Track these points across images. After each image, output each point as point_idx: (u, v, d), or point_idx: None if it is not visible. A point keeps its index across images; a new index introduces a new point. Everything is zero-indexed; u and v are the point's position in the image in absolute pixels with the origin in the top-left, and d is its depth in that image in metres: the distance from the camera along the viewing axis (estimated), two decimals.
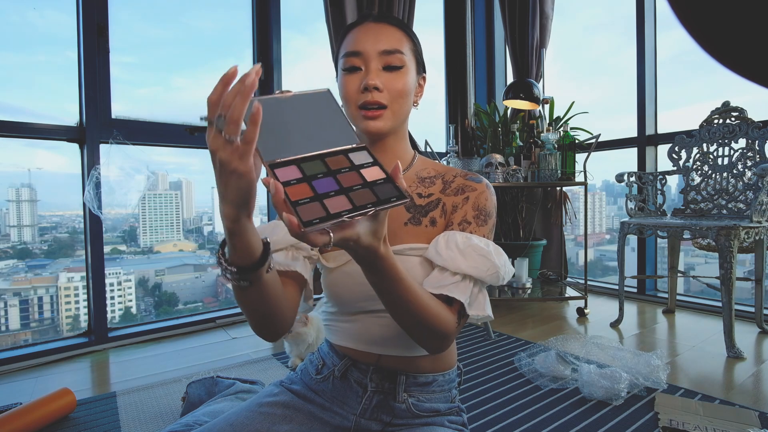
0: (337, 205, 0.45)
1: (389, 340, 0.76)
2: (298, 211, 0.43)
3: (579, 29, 3.76)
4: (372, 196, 0.47)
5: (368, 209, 0.45)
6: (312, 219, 0.43)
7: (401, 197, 0.47)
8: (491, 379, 1.55)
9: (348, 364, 0.78)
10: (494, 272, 0.69)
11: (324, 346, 0.85)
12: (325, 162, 0.50)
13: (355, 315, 0.78)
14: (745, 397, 1.39)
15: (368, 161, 0.51)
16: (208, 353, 1.87)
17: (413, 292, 0.58)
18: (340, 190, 0.47)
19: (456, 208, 0.75)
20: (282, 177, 0.46)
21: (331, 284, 0.78)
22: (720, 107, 2.16)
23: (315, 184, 0.47)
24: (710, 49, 0.23)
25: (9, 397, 1.48)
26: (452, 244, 0.69)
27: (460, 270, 0.67)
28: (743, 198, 2.04)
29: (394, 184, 0.48)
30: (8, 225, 2.42)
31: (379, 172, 0.50)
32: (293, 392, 0.80)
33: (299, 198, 0.44)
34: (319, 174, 0.48)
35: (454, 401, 0.83)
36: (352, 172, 0.49)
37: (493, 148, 2.95)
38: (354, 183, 0.48)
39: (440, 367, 0.80)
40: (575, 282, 2.79)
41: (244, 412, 0.76)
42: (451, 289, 0.66)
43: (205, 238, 3.17)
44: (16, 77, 2.12)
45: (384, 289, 0.57)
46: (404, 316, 0.61)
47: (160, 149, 2.23)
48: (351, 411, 0.77)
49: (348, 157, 0.51)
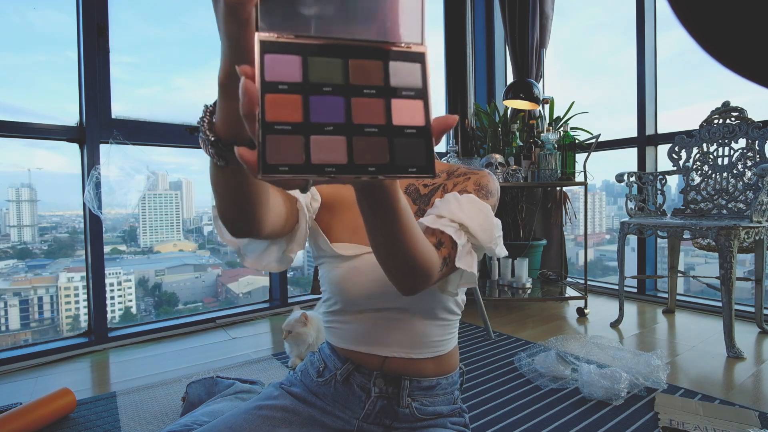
0: (327, 151, 0.30)
1: (396, 342, 0.75)
2: (265, 141, 0.29)
3: (579, 29, 3.76)
4: (385, 154, 0.31)
5: (367, 174, 0.31)
6: (279, 164, 0.29)
7: (426, 170, 0.32)
8: (491, 379, 1.55)
9: (351, 369, 0.77)
10: (489, 228, 0.67)
11: (325, 347, 0.83)
12: (346, 64, 0.32)
13: (361, 314, 0.76)
14: (745, 397, 1.39)
15: (413, 86, 0.33)
16: (208, 353, 1.87)
17: (409, 230, 0.52)
18: (344, 127, 0.31)
19: (456, 185, 0.75)
20: (270, 71, 0.30)
21: (338, 279, 0.75)
22: (720, 107, 2.16)
23: (313, 102, 0.31)
24: (710, 49, 0.23)
25: (9, 397, 1.48)
26: (449, 197, 0.68)
27: (455, 217, 0.65)
28: (743, 198, 2.04)
29: (429, 143, 0.32)
30: (8, 225, 2.42)
31: (418, 113, 0.32)
32: (293, 395, 0.79)
33: (278, 119, 0.30)
34: (326, 86, 0.31)
35: (457, 402, 0.83)
36: (377, 100, 0.32)
37: (493, 148, 2.95)
38: (371, 120, 0.32)
39: (444, 371, 0.79)
40: (575, 282, 2.79)
41: (243, 414, 0.75)
42: (447, 228, 0.64)
43: (205, 238, 3.17)
44: (16, 77, 2.12)
45: (380, 226, 0.49)
46: (392, 254, 0.54)
47: (160, 149, 2.23)
48: (353, 415, 0.76)
49: (387, 67, 0.32)
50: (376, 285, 0.73)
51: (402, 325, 0.75)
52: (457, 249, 0.64)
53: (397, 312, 0.75)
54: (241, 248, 0.69)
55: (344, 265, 0.74)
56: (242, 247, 0.69)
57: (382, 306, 0.74)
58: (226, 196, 0.49)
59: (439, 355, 0.78)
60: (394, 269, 0.57)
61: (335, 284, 0.76)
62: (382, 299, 0.73)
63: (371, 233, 0.52)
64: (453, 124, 0.33)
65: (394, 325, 0.75)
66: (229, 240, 0.65)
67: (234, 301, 2.87)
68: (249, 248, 0.69)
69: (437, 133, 0.33)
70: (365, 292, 0.74)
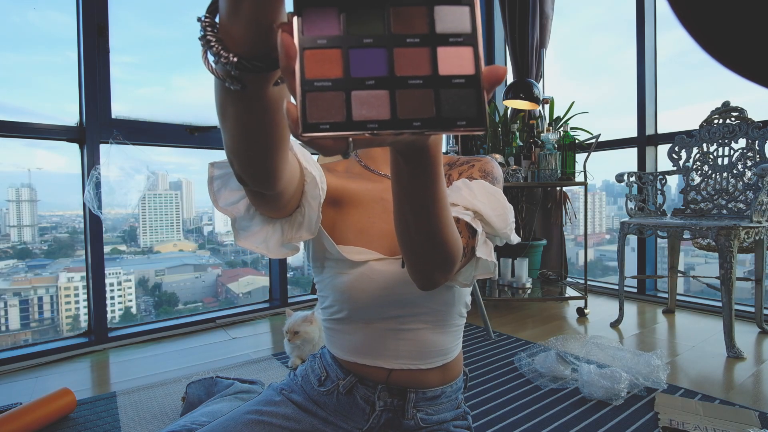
0: (369, 106, 0.29)
1: (403, 353, 0.72)
2: (306, 99, 0.28)
3: (579, 29, 3.76)
4: (431, 107, 0.29)
5: (412, 129, 0.29)
6: (320, 122, 0.28)
7: (477, 122, 0.29)
8: (491, 379, 1.55)
9: (354, 381, 0.74)
10: (503, 214, 0.64)
11: (326, 354, 0.79)
12: (387, 15, 0.29)
13: (368, 324, 0.72)
14: (745, 397, 1.39)
15: (462, 32, 0.30)
16: (208, 353, 1.87)
17: (444, 201, 0.46)
18: (387, 80, 0.29)
19: (461, 174, 0.73)
20: (308, 26, 0.29)
21: (346, 287, 0.70)
22: (720, 107, 2.16)
23: (353, 55, 0.29)
24: (710, 49, 0.23)
25: (9, 397, 1.48)
26: (459, 183, 0.65)
27: (470, 204, 0.62)
28: (743, 198, 2.04)
29: (480, 94, 0.29)
30: (8, 225, 2.42)
31: (467, 60, 0.30)
32: (294, 403, 0.77)
33: (318, 76, 0.28)
34: (367, 38, 0.29)
35: (460, 406, 0.81)
36: (422, 49, 0.29)
37: (493, 148, 2.95)
38: (415, 72, 0.29)
39: (449, 378, 0.77)
40: (575, 282, 2.79)
41: (242, 417, 0.73)
42: (464, 216, 0.61)
43: (205, 238, 3.17)
44: (16, 77, 2.12)
45: (416, 188, 0.44)
46: (421, 228, 0.48)
47: (160, 149, 2.24)
48: (356, 426, 0.74)
49: (432, 12, 0.30)
50: (386, 292, 0.69)
51: (410, 335, 0.72)
52: (476, 238, 0.61)
53: (407, 320, 0.72)
54: (236, 220, 0.61)
55: (352, 272, 0.69)
56: (238, 219, 0.61)
57: (392, 314, 0.71)
58: (238, 128, 0.40)
59: (446, 362, 0.76)
60: (420, 249, 0.51)
61: (342, 292, 0.71)
62: (392, 307, 0.70)
63: (402, 202, 0.46)
64: (504, 76, 0.30)
65: (402, 336, 0.72)
66: (223, 208, 0.60)
67: (234, 301, 2.87)
68: (243, 224, 0.61)
69: (488, 83, 0.29)
70: (375, 299, 0.69)
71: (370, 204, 0.73)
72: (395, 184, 0.45)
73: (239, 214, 0.61)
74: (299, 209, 0.61)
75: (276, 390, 0.80)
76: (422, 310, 0.72)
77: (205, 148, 2.33)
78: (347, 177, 0.75)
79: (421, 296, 0.70)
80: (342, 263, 0.70)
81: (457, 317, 0.76)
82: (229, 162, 0.45)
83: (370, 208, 0.73)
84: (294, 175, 0.54)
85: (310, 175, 0.59)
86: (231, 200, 0.60)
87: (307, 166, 0.59)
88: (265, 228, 0.61)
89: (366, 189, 0.74)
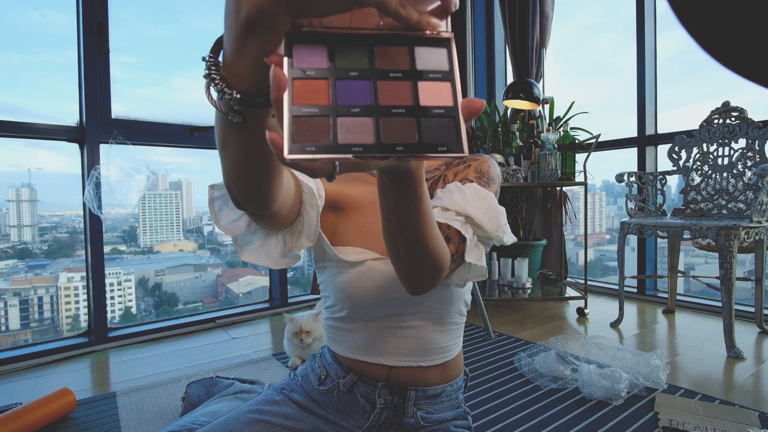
0: (354, 132, 0.30)
1: (403, 350, 0.73)
2: (293, 123, 0.29)
3: (579, 29, 3.76)
4: (413, 134, 0.31)
5: (395, 154, 0.30)
6: (305, 144, 0.29)
7: (455, 148, 0.31)
8: (491, 379, 1.55)
9: (354, 379, 0.74)
10: (494, 216, 0.65)
11: (326, 353, 0.80)
12: (372, 52, 0.33)
13: (368, 322, 0.73)
14: (745, 397, 1.39)
15: (440, 69, 0.33)
16: (208, 353, 1.87)
17: (428, 217, 0.49)
18: (371, 108, 0.31)
19: (457, 175, 0.74)
20: (298, 60, 0.31)
21: (345, 286, 0.71)
22: (720, 107, 2.16)
23: (339, 86, 0.31)
24: (710, 49, 0.23)
25: (9, 397, 1.48)
26: (451, 187, 0.67)
27: (460, 209, 0.64)
28: (743, 198, 2.04)
29: (458, 122, 0.31)
30: (8, 225, 2.42)
31: (446, 94, 0.32)
32: (295, 402, 0.77)
33: (306, 103, 0.30)
34: (353, 71, 0.32)
35: (461, 406, 0.81)
36: (404, 82, 0.32)
37: (493, 148, 2.95)
38: (398, 102, 0.32)
39: (449, 377, 0.78)
40: (575, 282, 2.79)
41: (243, 416, 0.74)
42: (453, 222, 0.63)
43: (205, 238, 3.17)
44: (16, 77, 2.12)
45: (400, 211, 0.47)
46: (408, 242, 0.51)
47: (160, 149, 2.24)
48: (356, 424, 0.74)
49: (413, 52, 0.33)
50: (384, 290, 0.71)
51: (410, 333, 0.73)
52: (465, 244, 0.63)
53: (406, 318, 0.73)
54: (238, 237, 0.64)
55: (351, 271, 0.71)
56: (239, 236, 0.64)
57: (391, 312, 0.72)
58: (238, 156, 0.42)
59: (446, 361, 0.77)
60: (407, 260, 0.54)
61: (342, 291, 0.72)
62: (391, 305, 0.71)
63: (389, 219, 0.50)
64: (481, 108, 0.32)
65: (401, 333, 0.73)
66: (224, 227, 0.62)
67: (234, 301, 2.87)
68: (245, 239, 0.64)
69: (467, 113, 0.31)
70: (374, 298, 0.71)
71: (368, 205, 0.75)
72: (382, 203, 0.48)
73: (240, 231, 0.63)
74: (299, 218, 0.64)
75: (276, 389, 0.81)
76: (421, 308, 0.73)
77: (205, 148, 2.33)
78: (345, 181, 0.76)
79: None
80: (341, 263, 0.72)
81: (457, 315, 0.77)
82: (227, 188, 0.48)
83: (369, 209, 0.75)
84: (290, 193, 0.57)
85: (306, 187, 0.62)
86: (232, 218, 0.63)
87: (303, 178, 0.62)
88: (267, 241, 0.64)
89: (364, 191, 0.76)
